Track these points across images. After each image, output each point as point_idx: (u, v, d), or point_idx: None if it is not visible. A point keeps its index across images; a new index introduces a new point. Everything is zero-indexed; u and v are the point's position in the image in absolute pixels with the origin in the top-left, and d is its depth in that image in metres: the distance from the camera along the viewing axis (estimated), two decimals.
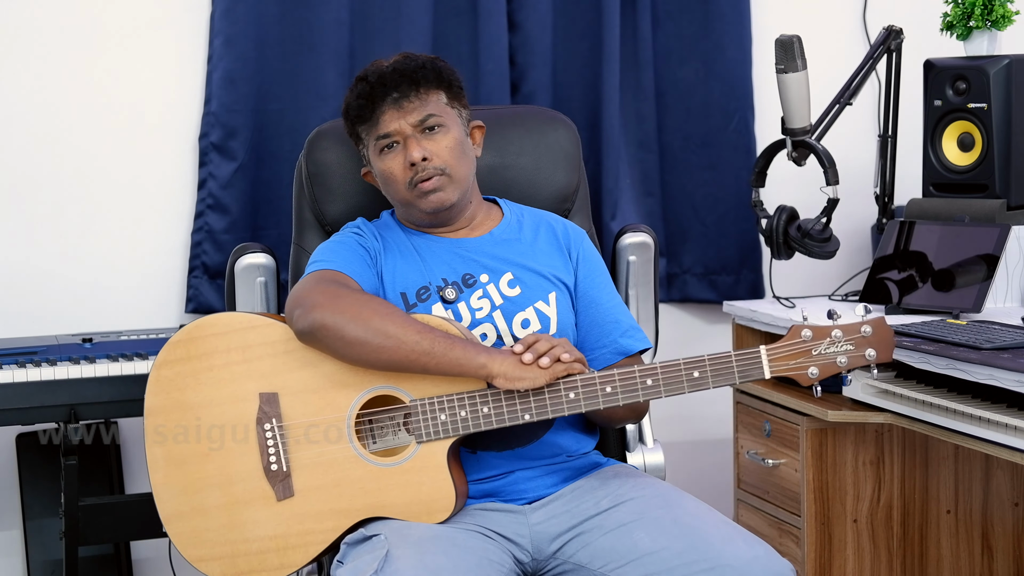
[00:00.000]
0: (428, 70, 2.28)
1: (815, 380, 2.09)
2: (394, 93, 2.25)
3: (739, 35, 3.39)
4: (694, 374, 2.09)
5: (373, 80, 2.27)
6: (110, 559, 3.04)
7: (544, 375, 2.07)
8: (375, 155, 2.29)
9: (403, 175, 2.26)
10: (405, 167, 2.25)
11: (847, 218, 3.29)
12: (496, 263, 2.31)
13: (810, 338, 2.09)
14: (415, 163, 2.24)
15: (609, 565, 2.08)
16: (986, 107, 2.97)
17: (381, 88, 2.26)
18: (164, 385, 2.16)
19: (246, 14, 3.13)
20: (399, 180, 2.27)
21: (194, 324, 2.18)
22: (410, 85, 2.26)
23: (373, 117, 2.27)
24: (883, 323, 2.10)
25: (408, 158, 2.24)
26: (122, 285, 3.16)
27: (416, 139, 2.25)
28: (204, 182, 3.16)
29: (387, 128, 2.26)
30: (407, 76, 2.26)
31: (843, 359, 2.09)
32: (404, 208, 2.32)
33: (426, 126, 2.26)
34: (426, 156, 2.24)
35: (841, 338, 2.09)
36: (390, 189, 2.30)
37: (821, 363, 2.09)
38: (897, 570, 2.89)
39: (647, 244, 2.65)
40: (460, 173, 2.28)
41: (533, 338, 2.11)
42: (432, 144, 2.25)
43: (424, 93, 2.27)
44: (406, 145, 2.25)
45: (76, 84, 3.11)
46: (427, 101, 2.27)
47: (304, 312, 2.11)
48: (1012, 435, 2.35)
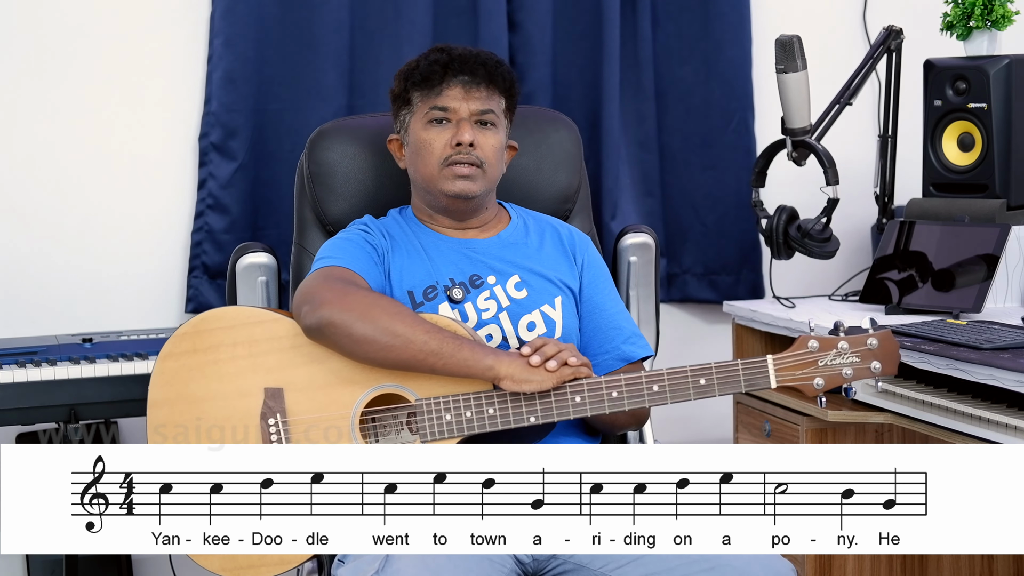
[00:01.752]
0: (505, 72, 2.33)
1: (820, 391, 2.10)
2: (467, 75, 2.29)
3: (739, 35, 3.39)
4: (700, 381, 2.10)
5: (454, 54, 2.31)
6: (110, 559, 3.03)
7: (551, 378, 2.08)
8: (420, 122, 2.31)
9: (442, 151, 2.28)
10: (448, 144, 2.27)
11: (847, 218, 3.29)
12: (504, 265, 2.32)
13: (816, 349, 2.10)
14: (462, 143, 2.26)
15: (609, 565, 2.08)
16: (986, 107, 2.97)
17: (459, 63, 2.29)
18: (168, 377, 2.16)
19: (246, 14, 3.13)
20: (436, 154, 2.28)
21: (200, 317, 2.18)
22: (484, 75, 2.30)
23: (438, 87, 2.29)
24: (889, 336, 2.11)
25: (458, 137, 2.26)
26: (122, 285, 3.16)
27: (470, 124, 2.28)
28: (204, 182, 3.16)
29: (448, 103, 2.28)
30: (485, 66, 2.30)
31: (848, 371, 2.10)
32: (425, 185, 2.33)
33: (483, 119, 2.29)
34: (474, 143, 2.26)
35: (847, 350, 2.10)
36: (420, 161, 2.31)
37: (827, 374, 2.10)
38: (897, 570, 2.89)
39: (648, 244, 2.65)
40: (493, 174, 2.32)
41: (541, 341, 2.12)
42: (482, 137, 2.29)
43: (492, 89, 2.31)
44: (459, 126, 2.27)
45: (76, 84, 3.11)
46: (492, 97, 2.31)
47: (312, 308, 2.11)
48: (1012, 435, 2.35)
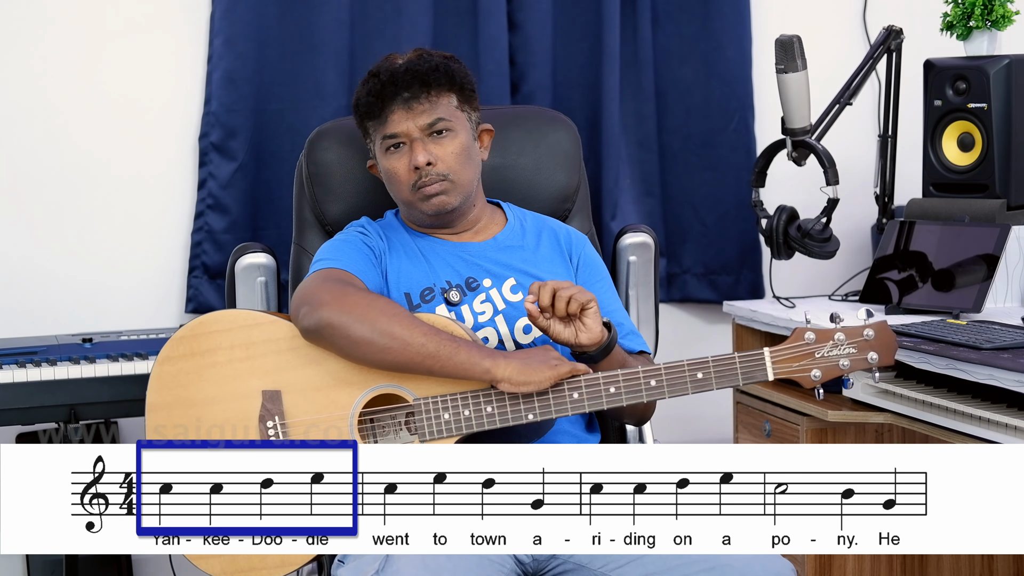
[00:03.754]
0: (441, 72, 2.27)
1: (818, 383, 2.10)
2: (405, 93, 2.24)
3: (739, 35, 3.39)
4: (698, 375, 2.10)
5: (385, 78, 2.27)
6: (110, 558, 3.03)
7: (548, 379, 2.08)
8: (381, 153, 2.29)
9: (407, 176, 2.26)
10: (409, 169, 2.26)
11: (847, 218, 3.29)
12: (499, 268, 2.32)
13: (813, 341, 2.10)
14: (419, 167, 2.24)
15: (609, 565, 2.08)
16: (986, 107, 2.97)
17: (392, 87, 2.25)
18: (166, 381, 2.16)
19: (246, 14, 3.13)
20: (403, 181, 2.27)
21: (198, 320, 2.18)
22: (421, 86, 2.25)
23: (382, 115, 2.26)
24: (885, 327, 2.11)
25: (412, 161, 2.24)
26: (122, 285, 3.16)
27: (423, 142, 2.25)
28: (204, 182, 3.16)
29: (395, 128, 2.26)
30: (419, 77, 2.25)
31: (846, 362, 2.10)
32: (407, 208, 2.33)
33: (434, 130, 2.26)
34: (431, 161, 2.24)
35: (844, 341, 2.10)
36: (394, 188, 2.31)
37: (824, 366, 2.10)
38: (897, 570, 2.89)
39: (647, 244, 2.66)
40: (464, 178, 2.28)
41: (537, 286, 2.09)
42: (438, 148, 2.25)
43: (435, 95, 2.26)
44: (412, 147, 2.25)
45: (76, 84, 3.11)
46: (437, 104, 2.26)
47: (311, 310, 2.11)
48: (1012, 435, 2.35)
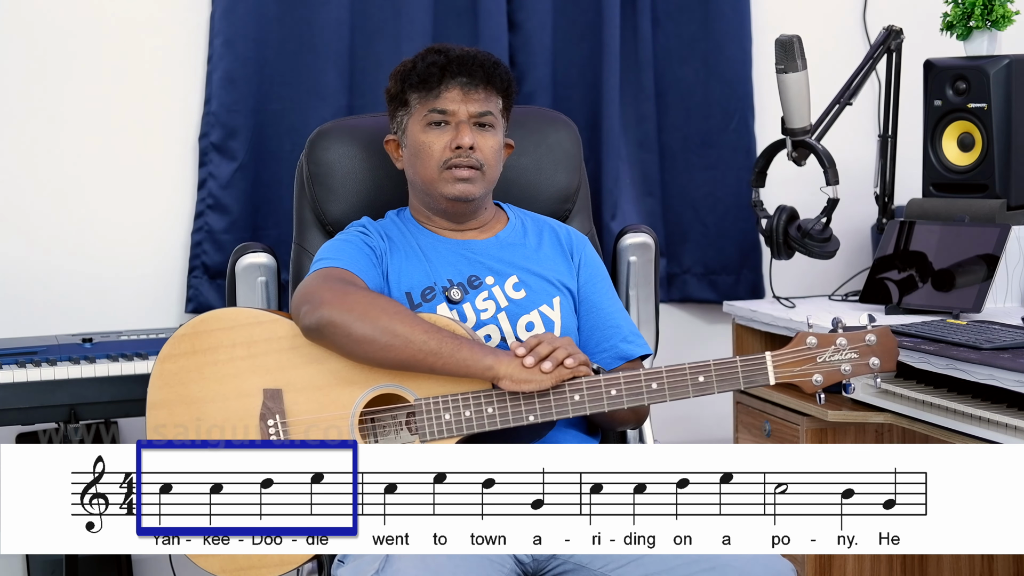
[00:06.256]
0: (502, 72, 2.32)
1: (819, 387, 2.11)
2: (465, 77, 2.28)
3: (739, 35, 3.39)
4: (699, 379, 2.10)
5: (451, 56, 2.30)
6: (110, 558, 3.03)
7: (549, 378, 2.08)
8: (419, 124, 2.30)
9: (442, 154, 2.28)
10: (447, 147, 2.27)
11: (847, 218, 3.29)
12: (502, 266, 2.32)
13: (815, 345, 2.10)
14: (461, 147, 2.26)
15: (609, 565, 2.08)
16: (986, 107, 2.97)
17: (457, 65, 2.28)
18: (167, 379, 2.16)
19: (246, 14, 3.13)
20: (436, 157, 2.28)
21: (199, 318, 2.18)
22: (483, 77, 2.29)
23: (437, 89, 2.29)
24: (887, 332, 2.11)
25: (457, 140, 2.26)
26: (122, 285, 3.16)
27: (469, 127, 2.27)
28: (204, 182, 3.16)
29: (447, 105, 2.28)
30: (484, 68, 2.30)
31: (847, 367, 2.10)
32: (424, 187, 2.33)
33: (481, 121, 2.29)
34: (473, 146, 2.26)
35: (846, 346, 2.10)
36: (419, 163, 2.31)
37: (825, 371, 2.10)
38: (897, 570, 2.89)
39: (647, 244, 2.66)
40: (491, 175, 2.32)
41: (535, 340, 2.11)
42: (481, 139, 2.29)
43: (490, 90, 2.30)
44: (458, 129, 2.27)
45: (76, 84, 3.11)
46: (490, 99, 2.30)
47: (312, 308, 2.11)
48: (1012, 435, 2.35)
